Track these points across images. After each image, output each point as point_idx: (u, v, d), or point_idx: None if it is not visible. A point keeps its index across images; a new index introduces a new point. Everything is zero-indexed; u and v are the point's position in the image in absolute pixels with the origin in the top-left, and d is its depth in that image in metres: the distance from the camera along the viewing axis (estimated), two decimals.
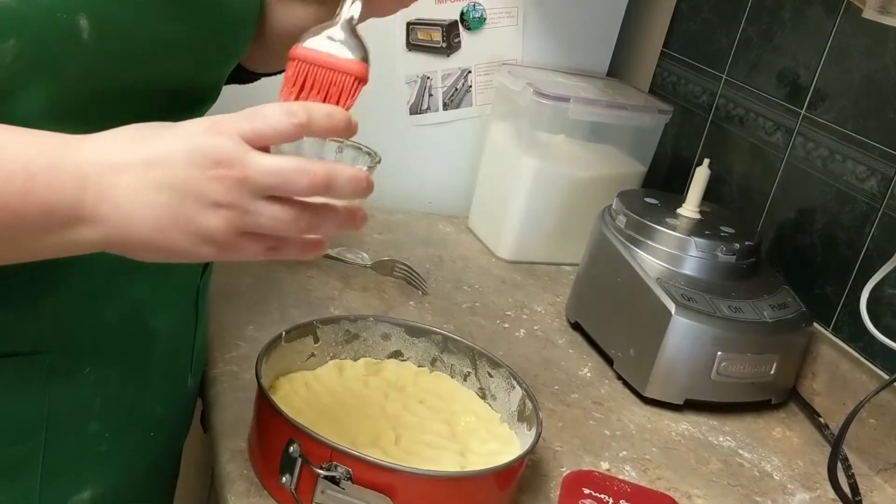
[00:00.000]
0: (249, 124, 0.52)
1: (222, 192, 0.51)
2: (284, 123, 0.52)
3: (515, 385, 0.84)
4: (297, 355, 0.84)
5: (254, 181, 0.51)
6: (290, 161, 0.52)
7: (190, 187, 0.51)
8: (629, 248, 1.05)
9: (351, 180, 0.54)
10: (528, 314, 1.16)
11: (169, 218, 0.52)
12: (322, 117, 0.54)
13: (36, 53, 0.54)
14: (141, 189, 0.52)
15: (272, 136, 0.53)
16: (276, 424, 0.70)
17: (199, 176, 0.51)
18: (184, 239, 0.53)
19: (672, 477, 0.88)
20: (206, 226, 0.52)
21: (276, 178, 0.52)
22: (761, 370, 1.00)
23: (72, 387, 0.67)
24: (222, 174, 0.51)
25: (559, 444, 0.89)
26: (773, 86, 1.19)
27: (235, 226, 0.52)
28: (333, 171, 0.53)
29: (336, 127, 0.55)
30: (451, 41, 1.32)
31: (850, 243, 1.05)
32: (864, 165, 1.04)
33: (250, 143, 0.52)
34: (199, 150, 0.51)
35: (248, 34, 0.72)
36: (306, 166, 0.52)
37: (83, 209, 0.52)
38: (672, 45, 1.40)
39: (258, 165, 0.51)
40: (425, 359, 0.90)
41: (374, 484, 0.67)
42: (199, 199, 0.51)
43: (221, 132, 0.52)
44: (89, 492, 0.72)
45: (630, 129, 1.32)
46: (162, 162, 0.52)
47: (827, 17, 1.11)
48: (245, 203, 0.52)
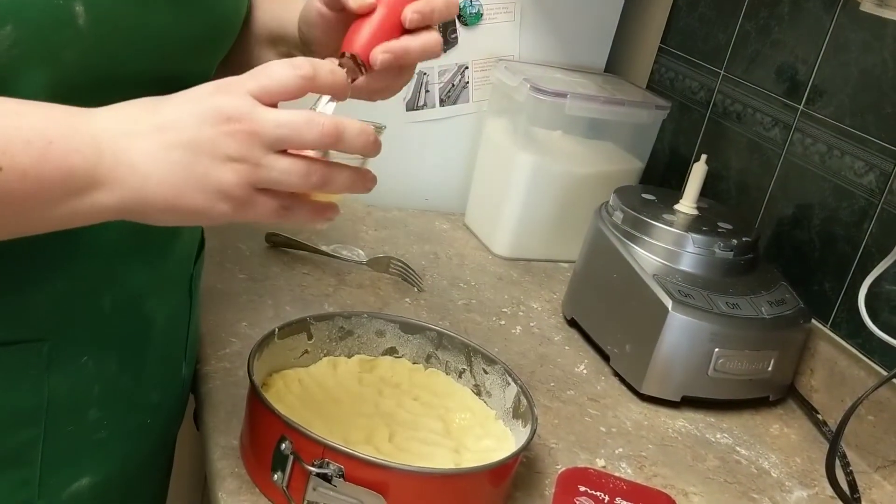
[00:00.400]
0: (256, 82, 0.54)
1: (235, 147, 0.53)
2: (290, 76, 0.54)
3: (511, 382, 0.83)
4: (290, 352, 0.84)
5: (265, 133, 0.53)
6: (299, 113, 0.54)
7: (203, 144, 0.53)
8: (626, 245, 1.04)
9: (360, 133, 0.55)
10: (524, 311, 1.15)
11: (184, 175, 0.53)
12: (326, 73, 0.55)
13: (33, 39, 0.54)
14: (156, 151, 0.53)
15: (278, 91, 0.54)
16: (267, 421, 0.70)
17: (211, 132, 0.53)
18: (200, 196, 0.54)
19: (668, 474, 0.88)
20: (220, 180, 0.53)
21: (286, 129, 0.53)
22: (759, 367, 1.00)
23: (71, 374, 0.67)
24: (234, 129, 0.53)
25: (555, 440, 0.89)
26: (770, 81, 1.19)
27: (249, 179, 0.54)
28: (342, 122, 0.55)
29: (338, 84, 0.56)
30: (447, 37, 1.31)
31: (848, 239, 1.04)
32: (863, 160, 1.03)
33: (259, 100, 0.54)
34: (209, 109, 0.53)
35: (234, 28, 0.73)
36: (315, 118, 0.54)
37: (100, 172, 0.53)
38: (670, 40, 1.39)
39: (267, 119, 0.53)
40: (420, 356, 0.89)
41: (367, 481, 0.66)
42: (212, 154, 0.53)
43: (230, 91, 0.54)
44: (88, 479, 0.73)
45: (627, 125, 1.31)
46: (174, 124, 0.53)
47: (825, 12, 1.10)
48: (257, 156, 0.53)
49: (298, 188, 0.56)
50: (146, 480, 0.85)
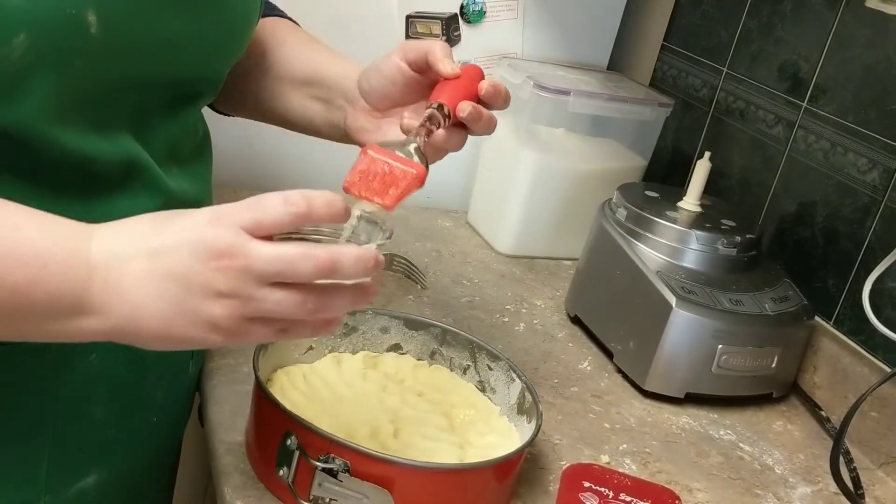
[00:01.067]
0: (250, 214, 0.53)
1: (225, 283, 0.52)
2: (283, 213, 0.53)
3: (515, 378, 0.83)
4: (294, 348, 0.84)
5: (256, 269, 0.52)
6: (293, 248, 0.53)
7: (193, 278, 0.53)
8: (629, 242, 1.04)
9: (357, 261, 0.54)
10: (527, 308, 1.15)
11: (175, 309, 0.53)
12: (321, 206, 0.54)
13: (45, 47, 0.55)
14: (147, 281, 0.53)
15: (271, 226, 0.53)
16: (273, 417, 0.70)
17: (202, 268, 0.52)
18: (191, 329, 0.54)
19: (672, 470, 0.88)
20: (211, 315, 0.53)
21: (279, 264, 0.53)
22: (762, 363, 1.00)
23: (77, 374, 0.68)
24: (225, 265, 0.52)
25: (559, 437, 0.89)
26: (773, 78, 1.19)
27: (240, 313, 0.53)
28: (338, 254, 0.54)
29: (335, 215, 0.55)
30: (450, 35, 1.31)
31: (851, 236, 1.04)
32: (866, 158, 1.03)
33: (251, 233, 0.53)
34: (201, 243, 0.53)
35: (247, 34, 0.74)
36: (309, 252, 0.53)
37: (90, 300, 0.53)
38: (672, 38, 1.39)
39: (259, 254, 0.52)
40: (424, 352, 0.89)
41: (373, 476, 0.66)
42: (203, 290, 0.53)
43: (222, 224, 0.53)
44: (94, 477, 0.73)
45: (630, 122, 1.31)
46: (167, 253, 0.53)
47: (828, 9, 1.10)
48: (249, 291, 0.53)
49: (293, 317, 0.55)
50: (152, 478, 0.86)
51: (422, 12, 1.29)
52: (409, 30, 1.29)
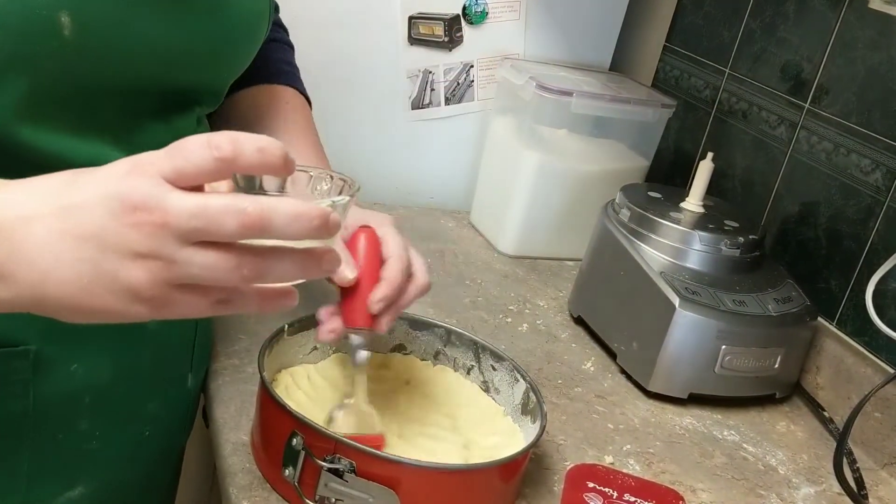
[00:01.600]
0: (170, 162, 0.46)
1: (143, 241, 0.46)
2: (206, 158, 0.46)
3: (519, 378, 0.83)
4: (299, 348, 0.84)
5: (175, 226, 0.46)
6: (217, 199, 0.46)
7: (108, 238, 0.46)
8: (633, 242, 1.05)
9: (295, 218, 0.47)
10: (530, 308, 1.15)
11: (90, 275, 0.47)
12: (252, 151, 0.46)
13: (14, 47, 0.54)
14: (56, 242, 0.47)
15: (194, 173, 0.46)
16: (279, 417, 0.70)
17: (116, 225, 0.46)
18: (109, 298, 0.47)
19: (676, 470, 0.88)
20: (131, 280, 0.47)
21: (201, 219, 0.45)
22: (766, 364, 1.00)
23: (58, 382, 0.66)
24: (141, 220, 0.45)
25: (563, 437, 0.89)
26: (776, 79, 1.19)
27: (163, 278, 0.47)
28: (270, 208, 0.46)
29: (268, 162, 0.47)
30: (453, 35, 1.31)
31: (854, 237, 1.05)
32: (869, 158, 1.04)
33: (173, 183, 0.46)
34: (115, 197, 0.46)
35: (249, 45, 0.72)
36: (235, 204, 0.46)
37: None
38: (675, 38, 1.39)
39: (179, 208, 0.45)
40: (428, 352, 0.89)
41: (378, 476, 0.66)
42: (119, 250, 0.46)
43: (141, 173, 0.47)
44: (80, 489, 0.72)
45: (633, 123, 1.31)
46: (79, 211, 0.47)
47: (831, 9, 1.10)
48: (170, 251, 0.46)
49: (227, 283, 0.48)
50: (149, 489, 0.84)
51: (424, 13, 1.29)
52: (411, 30, 1.29)
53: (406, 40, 1.30)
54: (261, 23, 0.72)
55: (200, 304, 0.49)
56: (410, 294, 0.72)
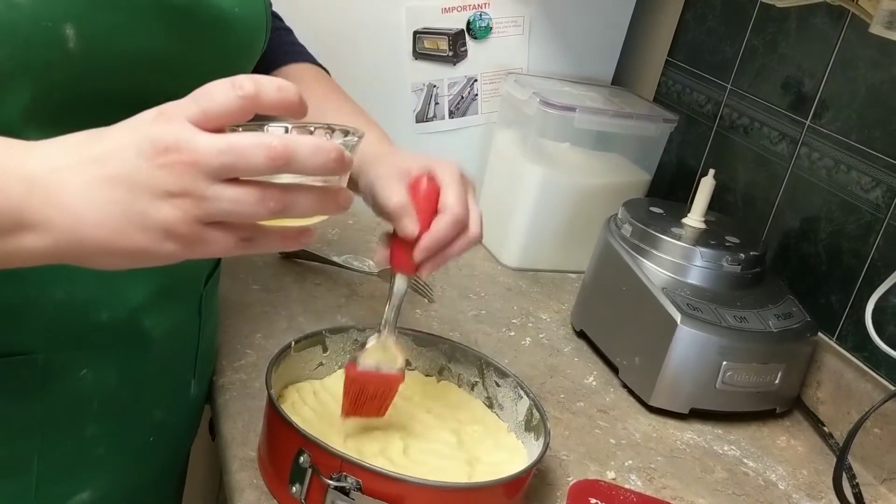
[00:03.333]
0: (196, 105, 0.49)
1: (174, 180, 0.48)
2: (231, 97, 0.49)
3: (523, 395, 0.84)
4: (305, 364, 0.85)
5: (205, 163, 0.48)
6: (243, 136, 0.49)
7: (139, 179, 0.48)
8: (635, 258, 1.06)
9: (316, 151, 0.50)
10: (533, 322, 1.16)
11: (122, 215, 0.49)
12: (272, 89, 0.50)
13: (20, 58, 0.55)
14: (90, 188, 0.49)
15: (220, 113, 0.49)
16: (286, 434, 0.71)
17: (147, 166, 0.48)
18: (142, 236, 0.49)
19: (677, 486, 0.89)
20: (163, 218, 0.49)
21: (229, 155, 0.48)
22: (766, 379, 1.01)
23: (67, 388, 0.67)
24: (171, 160, 0.48)
25: (565, 452, 0.90)
26: (777, 95, 1.20)
27: (194, 214, 0.49)
28: (293, 141, 0.49)
29: (287, 101, 0.50)
30: (457, 50, 1.32)
31: (854, 253, 1.06)
32: (869, 176, 1.05)
33: (200, 126, 0.49)
34: (145, 140, 0.49)
35: (251, 53, 0.73)
36: (261, 139, 0.49)
37: (29, 214, 0.49)
38: (677, 54, 1.40)
39: (208, 146, 0.48)
40: (433, 368, 0.90)
41: (384, 494, 0.67)
42: (150, 190, 0.48)
43: (168, 118, 0.49)
44: (88, 493, 0.73)
45: (635, 137, 1.32)
46: (109, 157, 0.49)
47: (832, 28, 1.11)
48: (201, 188, 0.49)
49: (254, 218, 0.51)
50: (155, 495, 0.85)
51: (429, 28, 1.30)
52: (416, 45, 1.31)
53: (411, 55, 1.31)
54: (260, 32, 0.73)
55: (227, 241, 0.51)
56: (458, 246, 0.75)
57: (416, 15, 1.29)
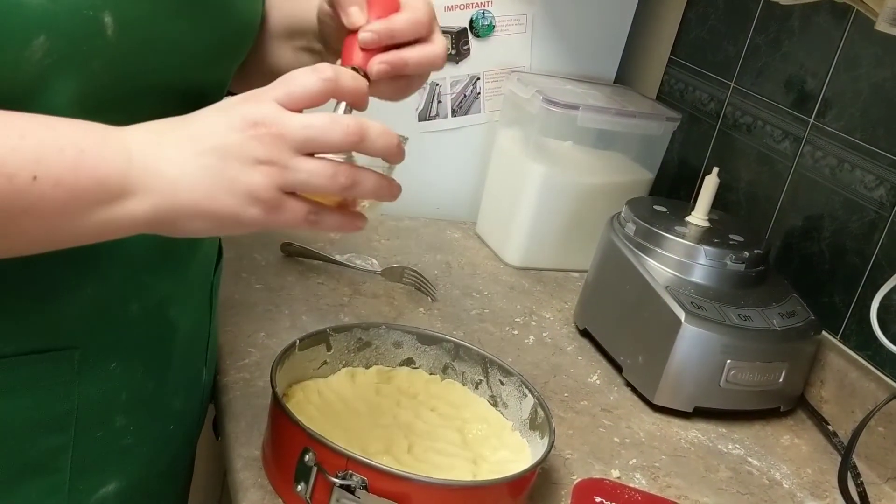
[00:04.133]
0: (282, 88, 0.56)
1: (262, 149, 0.55)
2: (314, 80, 0.56)
3: (527, 393, 0.84)
4: (309, 363, 0.85)
5: (291, 135, 0.55)
6: (323, 115, 0.56)
7: (231, 148, 0.55)
8: (638, 256, 1.05)
9: (383, 133, 0.58)
10: (536, 321, 1.16)
11: (214, 180, 0.55)
12: (348, 77, 0.58)
13: (64, 49, 0.55)
14: (185, 158, 0.55)
15: (303, 95, 0.56)
16: (291, 433, 0.71)
17: (239, 137, 0.55)
18: (230, 200, 0.55)
19: (682, 485, 0.89)
20: (250, 183, 0.55)
21: (311, 129, 0.55)
22: (770, 378, 1.01)
23: (100, 381, 0.68)
24: (261, 132, 0.55)
25: (569, 451, 0.90)
26: (781, 94, 1.20)
27: (277, 182, 0.55)
28: (365, 123, 0.57)
29: (360, 89, 0.59)
30: (460, 48, 1.32)
31: (858, 252, 1.05)
32: (873, 174, 1.04)
33: (284, 106, 0.56)
34: (237, 116, 0.55)
35: (251, 33, 0.75)
36: (338, 118, 0.56)
37: (130, 180, 0.54)
38: (679, 52, 1.40)
39: (293, 121, 0.55)
40: (437, 366, 0.90)
41: (389, 492, 0.67)
42: (241, 157, 0.55)
43: (257, 99, 0.56)
44: (115, 485, 0.74)
45: (638, 136, 1.32)
46: (202, 132, 0.55)
47: (835, 26, 1.11)
48: (285, 158, 0.55)
49: (326, 189, 0.57)
50: (169, 486, 0.86)
51: None
52: None
53: None
54: (256, 20, 0.75)
55: (300, 211, 0.57)
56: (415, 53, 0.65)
57: None
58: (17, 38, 0.53)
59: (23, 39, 0.53)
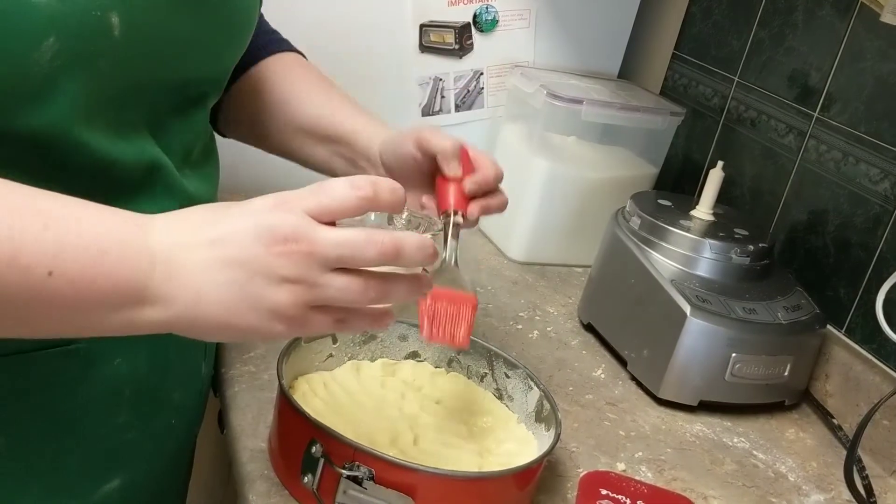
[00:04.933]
0: (315, 199, 0.53)
1: (290, 268, 0.52)
2: (350, 196, 0.54)
3: (533, 386, 0.84)
4: (315, 356, 0.85)
5: (322, 254, 0.52)
6: (358, 232, 0.53)
7: (257, 264, 0.52)
8: (643, 250, 1.05)
9: (419, 248, 0.55)
10: (540, 315, 1.16)
11: (238, 296, 0.52)
12: (387, 191, 0.55)
13: (73, 50, 0.55)
14: (209, 268, 0.52)
15: (338, 210, 0.54)
16: (298, 425, 0.71)
17: (265, 253, 0.52)
18: (253, 316, 0.53)
19: (688, 478, 0.89)
20: (275, 301, 0.53)
21: (345, 249, 0.53)
22: (775, 371, 1.01)
23: (104, 377, 0.68)
24: (290, 249, 0.52)
25: (575, 444, 0.90)
26: (785, 88, 1.20)
27: (305, 300, 0.53)
28: (401, 239, 0.54)
29: (398, 202, 0.56)
30: (463, 43, 1.32)
31: (863, 245, 1.05)
32: (878, 168, 1.04)
33: (316, 218, 0.53)
34: (265, 227, 0.52)
35: (248, 31, 0.75)
36: (374, 236, 0.53)
37: (150, 289, 0.52)
38: (683, 47, 1.40)
39: (325, 239, 0.52)
40: (442, 359, 0.90)
41: (396, 484, 0.67)
42: (267, 275, 0.52)
43: (288, 209, 0.53)
44: (118, 480, 0.74)
45: (642, 130, 1.32)
46: (229, 240, 0.52)
47: (840, 19, 1.11)
48: (314, 276, 0.53)
49: (356, 304, 0.55)
50: (171, 480, 0.87)
51: (435, 21, 1.30)
52: (422, 38, 1.30)
53: (417, 48, 1.31)
54: (255, 13, 0.75)
55: (327, 321, 0.55)
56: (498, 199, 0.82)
57: (422, 8, 1.29)
58: (26, 39, 0.53)
59: (32, 41, 0.53)
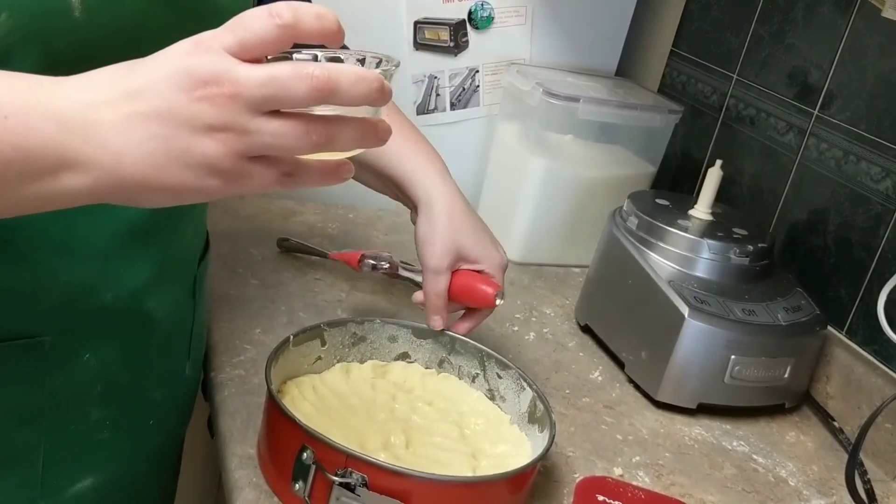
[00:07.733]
0: (232, 35, 0.47)
1: (215, 113, 0.47)
2: (269, 26, 0.47)
3: (525, 386, 0.82)
4: (303, 359, 0.83)
5: (247, 95, 0.47)
6: (284, 66, 0.47)
7: (179, 114, 0.47)
8: (641, 250, 1.04)
9: (358, 80, 0.48)
10: (537, 317, 1.14)
11: (164, 152, 0.47)
12: (311, 17, 0.48)
13: (28, 27, 0.54)
14: (127, 124, 0.47)
15: (258, 44, 0.47)
16: (288, 431, 0.69)
17: (186, 100, 0.47)
18: (185, 173, 0.48)
19: (686, 482, 0.87)
20: (204, 153, 0.47)
21: (271, 86, 0.47)
22: (775, 374, 0.99)
23: (72, 372, 0.67)
24: (212, 93, 0.46)
25: (571, 449, 0.88)
26: (784, 85, 1.18)
27: (236, 149, 0.48)
28: (335, 70, 0.47)
29: (327, 28, 0.48)
30: (458, 40, 1.30)
31: (864, 245, 1.04)
32: (879, 166, 1.03)
33: (237, 56, 0.47)
34: (183, 73, 0.47)
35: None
36: (303, 69, 0.47)
37: (67, 153, 0.47)
38: (681, 44, 1.38)
39: (248, 77, 0.46)
40: (433, 360, 0.89)
41: (390, 490, 0.65)
42: (191, 125, 0.47)
43: (204, 49, 0.47)
44: (91, 479, 0.72)
45: (640, 129, 1.31)
46: (145, 91, 0.47)
47: (840, 16, 1.10)
48: (242, 121, 0.47)
49: (297, 151, 0.49)
50: (153, 481, 0.85)
51: (430, 18, 1.28)
52: (417, 35, 1.29)
53: (411, 45, 1.29)
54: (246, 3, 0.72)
55: (270, 175, 0.50)
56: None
57: (416, 5, 1.27)
58: None
59: None
